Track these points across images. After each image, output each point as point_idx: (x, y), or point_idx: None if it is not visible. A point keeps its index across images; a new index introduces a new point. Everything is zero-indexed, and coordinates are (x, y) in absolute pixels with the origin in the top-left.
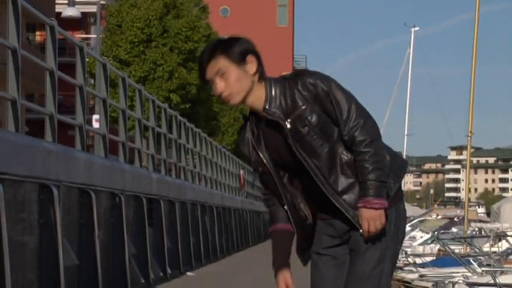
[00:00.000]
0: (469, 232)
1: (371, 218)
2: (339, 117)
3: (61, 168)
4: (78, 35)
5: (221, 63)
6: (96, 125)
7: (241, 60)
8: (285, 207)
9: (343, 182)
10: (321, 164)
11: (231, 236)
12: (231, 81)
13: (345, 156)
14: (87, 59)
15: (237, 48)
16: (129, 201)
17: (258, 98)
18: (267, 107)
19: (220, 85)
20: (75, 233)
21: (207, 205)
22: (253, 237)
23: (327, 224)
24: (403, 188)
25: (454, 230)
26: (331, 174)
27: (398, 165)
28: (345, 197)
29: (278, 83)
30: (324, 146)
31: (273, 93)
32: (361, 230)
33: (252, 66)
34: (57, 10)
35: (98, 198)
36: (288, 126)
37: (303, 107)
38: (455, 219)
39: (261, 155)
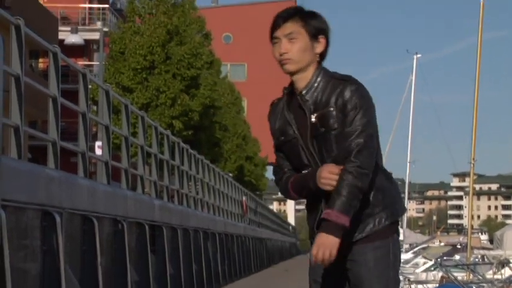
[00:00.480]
0: (472, 259)
1: (323, 246)
2: (347, 130)
3: (64, 195)
4: (81, 62)
5: (296, 27)
6: (98, 151)
7: (314, 35)
8: (308, 169)
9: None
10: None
11: (233, 263)
12: (297, 48)
13: None
14: (90, 86)
15: (316, 23)
16: (132, 228)
17: (303, 79)
18: (303, 92)
19: (285, 46)
20: (78, 260)
21: (210, 232)
22: (256, 264)
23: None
24: (406, 215)
25: (457, 257)
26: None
27: (398, 206)
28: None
29: (325, 76)
30: (332, 153)
31: (316, 83)
32: (362, 265)
33: (319, 46)
34: (60, 37)
35: (101, 225)
36: (313, 119)
37: (331, 109)
38: (458, 246)
39: (292, 125)
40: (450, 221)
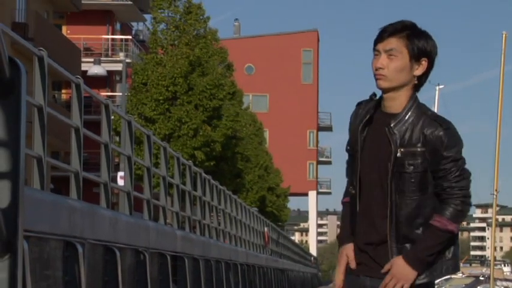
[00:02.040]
0: None
1: (398, 277)
2: (438, 169)
3: (86, 226)
4: (104, 93)
5: (398, 45)
6: (121, 182)
7: (415, 57)
8: (353, 192)
9: (411, 233)
10: (401, 208)
11: None
12: (394, 66)
13: (431, 213)
14: (113, 117)
15: (421, 44)
16: (154, 259)
17: (395, 99)
18: (392, 124)
19: (383, 61)
20: None
21: (232, 263)
22: None
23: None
24: None
25: None
26: (405, 221)
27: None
28: (400, 246)
29: (418, 110)
30: (414, 195)
31: (407, 116)
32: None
33: (420, 68)
34: (83, 68)
35: (123, 255)
36: (398, 155)
37: (421, 149)
38: (481, 277)
39: (359, 141)
40: (473, 253)
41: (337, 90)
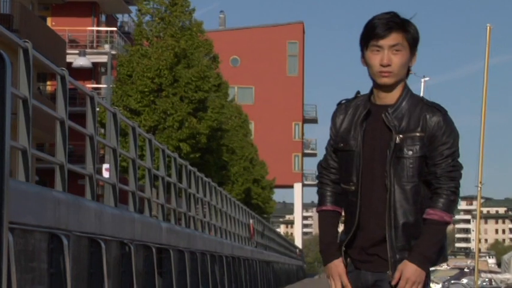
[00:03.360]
0: (479, 283)
1: (412, 279)
2: (433, 156)
3: (71, 218)
4: (89, 85)
5: (401, 39)
6: (106, 174)
7: (412, 50)
8: (353, 188)
9: (410, 219)
10: (400, 193)
11: (240, 286)
12: (400, 61)
13: (426, 199)
14: (98, 109)
15: (415, 33)
16: (139, 251)
17: (391, 94)
18: (389, 111)
19: (389, 57)
20: (85, 283)
21: (217, 255)
22: (263, 287)
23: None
24: None
25: (464, 280)
26: (402, 206)
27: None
28: (400, 233)
29: (413, 98)
30: (413, 179)
31: (403, 103)
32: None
33: (414, 59)
34: (68, 60)
35: (108, 247)
36: (398, 141)
37: (419, 134)
38: (466, 269)
39: (359, 137)
40: (458, 245)
41: (323, 83)
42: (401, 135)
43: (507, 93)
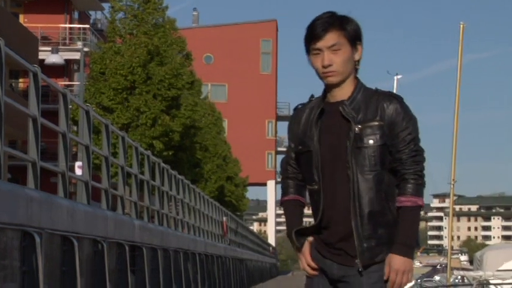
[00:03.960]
0: (452, 280)
1: (401, 269)
2: (396, 143)
3: (43, 216)
4: (62, 82)
5: (338, 37)
6: (79, 172)
7: (353, 43)
8: (315, 187)
9: (375, 208)
10: (363, 182)
11: (213, 283)
12: (341, 60)
13: (391, 187)
14: (71, 106)
15: (353, 29)
16: (112, 249)
17: (343, 90)
18: (346, 103)
19: (330, 58)
20: (57, 281)
21: (190, 252)
22: (236, 285)
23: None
24: None
25: (437, 278)
26: (367, 195)
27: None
28: (366, 221)
29: (368, 90)
30: (375, 167)
31: (358, 96)
32: (362, 277)
33: (358, 53)
34: (40, 57)
35: (81, 245)
36: (356, 130)
37: (378, 123)
38: (438, 267)
39: (314, 136)
40: (430, 242)
41: (296, 81)
42: (359, 126)
43: (480, 91)
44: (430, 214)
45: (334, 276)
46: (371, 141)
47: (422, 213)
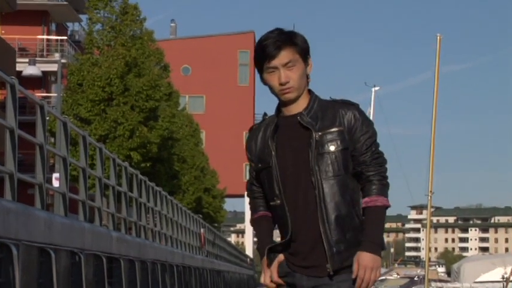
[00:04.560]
0: None
1: (369, 266)
2: (357, 147)
3: (20, 227)
4: (39, 94)
5: (292, 55)
6: (56, 183)
7: (306, 59)
8: (278, 201)
9: (341, 212)
10: (328, 187)
11: None
12: (297, 76)
13: (356, 192)
14: (48, 118)
15: (303, 44)
16: (89, 261)
17: (298, 104)
18: (304, 113)
19: (286, 75)
20: None
21: (168, 264)
22: None
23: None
24: None
25: None
26: (332, 199)
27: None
28: (334, 226)
29: (323, 101)
30: (338, 172)
31: (314, 105)
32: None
33: (310, 67)
34: (18, 69)
35: (58, 257)
36: (316, 137)
37: (338, 129)
38: (416, 278)
39: (272, 151)
40: (408, 254)
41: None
42: (319, 133)
43: (456, 102)
44: (407, 226)
45: None
46: (332, 147)
47: (399, 224)
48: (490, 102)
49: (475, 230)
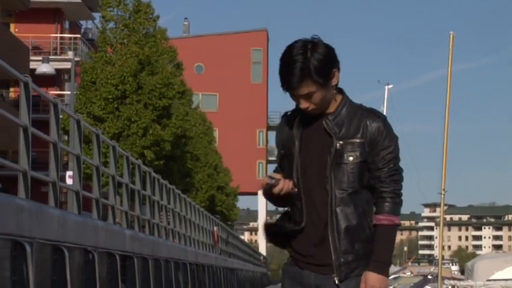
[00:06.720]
0: None
1: (376, 286)
2: (376, 161)
3: (34, 225)
4: (53, 92)
5: (310, 88)
6: (69, 181)
7: (327, 81)
8: (295, 190)
9: (352, 223)
10: (340, 197)
11: None
12: (317, 100)
13: (369, 204)
14: (61, 116)
15: (324, 72)
16: (103, 258)
17: (328, 107)
18: (330, 118)
19: (305, 103)
20: None
21: (181, 262)
22: None
23: (295, 278)
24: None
25: (428, 287)
26: (344, 209)
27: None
28: (343, 237)
29: (352, 106)
30: (353, 184)
31: (342, 111)
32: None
33: (335, 79)
34: (31, 67)
35: (71, 255)
36: (337, 146)
37: (360, 140)
38: (429, 276)
39: (296, 141)
40: (421, 252)
41: None
42: (341, 142)
43: (469, 100)
44: (420, 224)
45: (311, 285)
46: (351, 158)
47: (413, 222)
48: (504, 100)
49: (489, 228)
